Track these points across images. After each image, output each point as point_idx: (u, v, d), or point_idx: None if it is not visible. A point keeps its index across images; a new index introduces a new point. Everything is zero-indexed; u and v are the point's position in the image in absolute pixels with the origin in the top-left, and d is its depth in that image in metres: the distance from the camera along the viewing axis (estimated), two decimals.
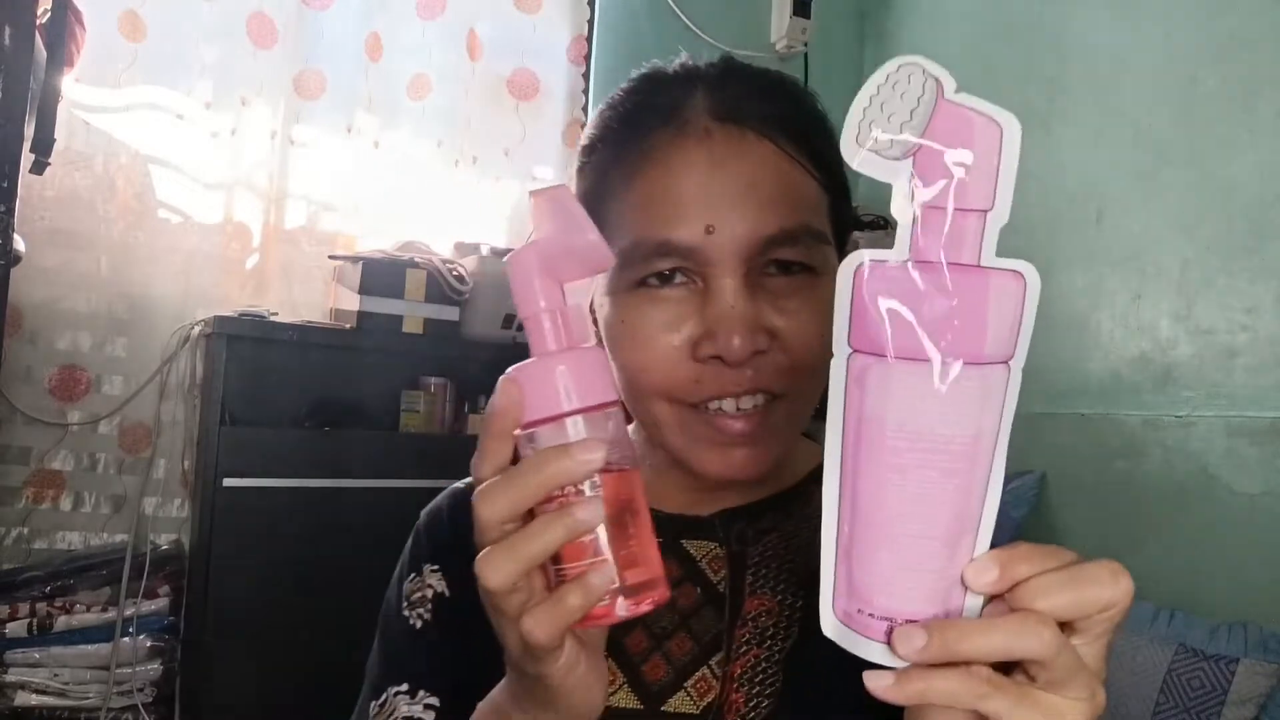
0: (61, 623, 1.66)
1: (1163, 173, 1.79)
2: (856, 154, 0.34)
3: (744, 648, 0.55)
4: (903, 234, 0.34)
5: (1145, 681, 1.50)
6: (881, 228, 2.41)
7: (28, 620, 1.64)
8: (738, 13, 2.56)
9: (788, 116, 0.55)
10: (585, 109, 2.40)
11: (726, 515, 0.60)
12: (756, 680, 0.54)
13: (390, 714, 0.59)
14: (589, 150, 0.59)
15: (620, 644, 0.56)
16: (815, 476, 0.62)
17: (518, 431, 0.40)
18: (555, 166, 2.35)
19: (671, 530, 0.59)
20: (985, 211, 0.33)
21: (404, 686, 0.59)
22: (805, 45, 2.56)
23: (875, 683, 0.34)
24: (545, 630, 0.38)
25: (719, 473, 0.54)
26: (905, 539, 0.35)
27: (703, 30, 2.46)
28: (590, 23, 2.41)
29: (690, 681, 0.55)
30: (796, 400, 0.55)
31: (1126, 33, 1.91)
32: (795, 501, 0.61)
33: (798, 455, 0.64)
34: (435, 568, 0.63)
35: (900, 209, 0.34)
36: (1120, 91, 1.91)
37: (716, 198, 0.52)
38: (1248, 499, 1.61)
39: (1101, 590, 0.33)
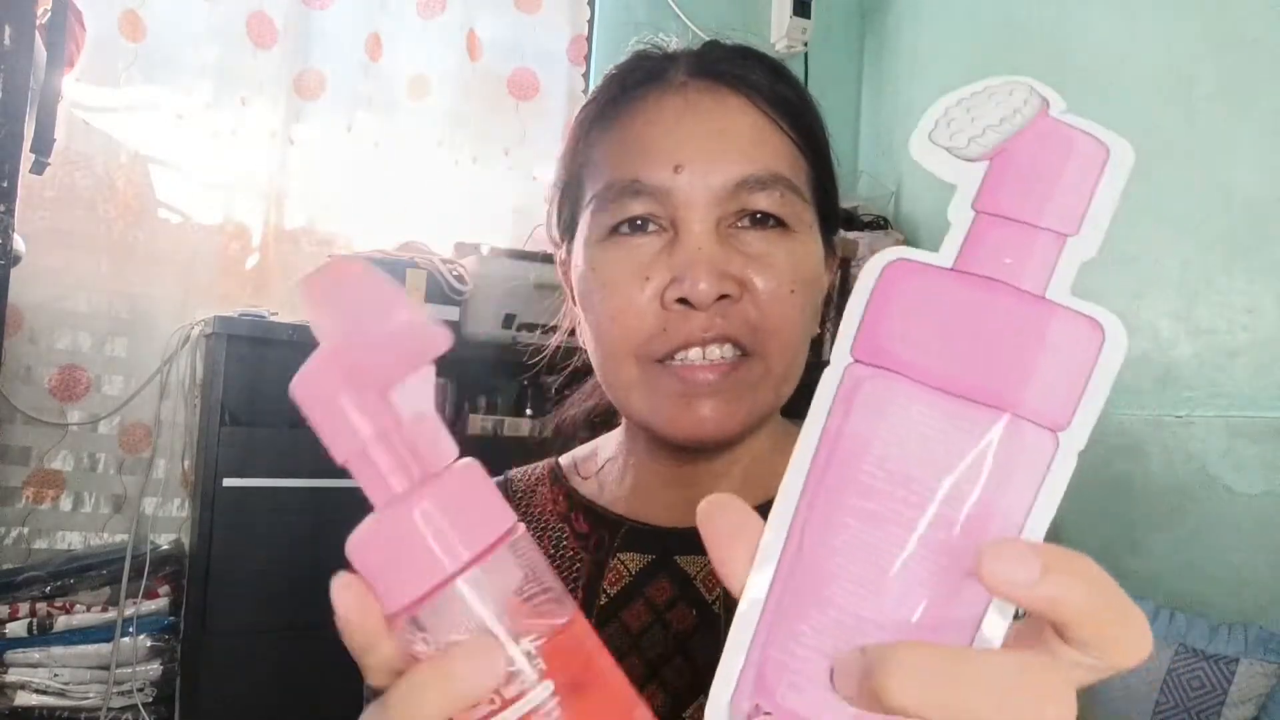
0: (61, 623, 1.66)
1: (1163, 172, 1.79)
2: (926, 150, 0.28)
3: None
4: (952, 238, 0.27)
5: (1145, 681, 1.50)
6: (882, 228, 2.40)
7: (28, 620, 1.64)
8: (738, 13, 2.56)
9: (764, 79, 0.56)
10: None
11: None
12: None
13: None
14: (580, 112, 0.61)
15: None
16: None
17: (401, 624, 0.28)
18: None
19: (665, 546, 0.57)
20: (1065, 236, 0.26)
21: None
22: (805, 45, 2.56)
23: None
24: None
25: (686, 431, 0.52)
26: (840, 614, 0.25)
27: (703, 30, 2.42)
28: (590, 23, 2.41)
29: (689, 712, 0.52)
30: (769, 362, 0.52)
31: (1126, 33, 1.91)
32: None
33: (789, 457, 0.63)
34: None
35: (958, 212, 0.27)
36: (1120, 91, 1.91)
37: (686, 139, 0.53)
38: (1248, 499, 1.61)
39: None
